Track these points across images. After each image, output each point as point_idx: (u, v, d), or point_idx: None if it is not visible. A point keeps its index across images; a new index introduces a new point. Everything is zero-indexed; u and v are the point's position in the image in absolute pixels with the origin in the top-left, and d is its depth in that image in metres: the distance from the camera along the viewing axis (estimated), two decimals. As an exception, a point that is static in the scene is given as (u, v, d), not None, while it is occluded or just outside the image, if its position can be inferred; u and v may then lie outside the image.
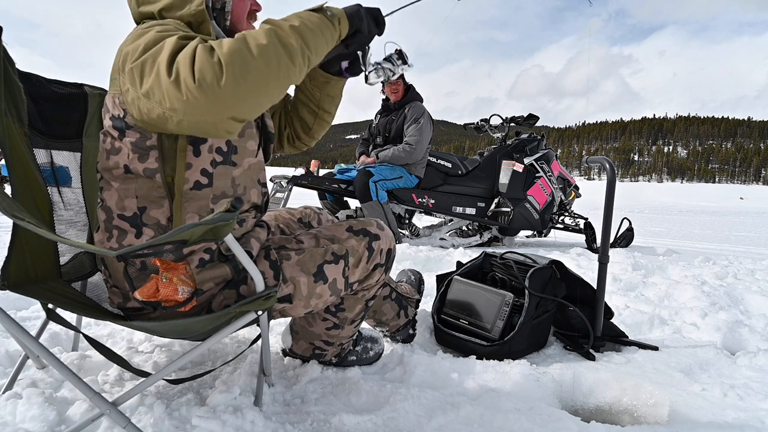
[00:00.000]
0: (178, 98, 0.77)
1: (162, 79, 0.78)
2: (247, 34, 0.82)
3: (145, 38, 0.84)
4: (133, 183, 0.95)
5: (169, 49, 0.79)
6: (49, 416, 0.96)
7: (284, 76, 0.84)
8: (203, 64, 0.76)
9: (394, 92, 4.01)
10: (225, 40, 0.80)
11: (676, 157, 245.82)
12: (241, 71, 0.77)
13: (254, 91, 0.80)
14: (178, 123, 0.81)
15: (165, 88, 0.78)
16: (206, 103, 0.77)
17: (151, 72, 0.80)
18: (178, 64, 0.77)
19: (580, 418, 1.13)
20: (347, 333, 1.28)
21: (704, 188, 61.07)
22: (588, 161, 1.81)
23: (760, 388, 1.29)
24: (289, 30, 0.86)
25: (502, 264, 1.76)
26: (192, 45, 0.79)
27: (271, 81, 0.81)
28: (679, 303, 2.19)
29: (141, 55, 0.82)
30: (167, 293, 0.84)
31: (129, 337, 1.52)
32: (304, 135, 1.32)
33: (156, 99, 0.80)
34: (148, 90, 0.80)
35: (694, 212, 14.85)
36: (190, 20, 0.98)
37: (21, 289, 0.90)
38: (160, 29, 0.86)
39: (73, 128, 1.20)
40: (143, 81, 0.81)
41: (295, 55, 0.85)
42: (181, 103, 0.77)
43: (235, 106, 0.79)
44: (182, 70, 0.76)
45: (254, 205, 1.10)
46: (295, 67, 0.86)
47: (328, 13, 0.96)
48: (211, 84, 0.76)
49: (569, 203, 4.88)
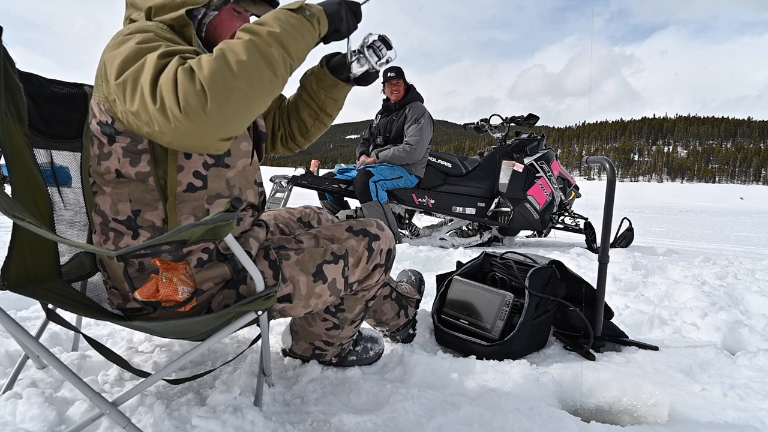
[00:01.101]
0: (166, 124, 0.77)
1: (148, 104, 0.78)
2: (225, 49, 0.80)
3: (125, 49, 0.83)
4: (126, 187, 0.94)
5: (151, 71, 0.78)
6: (49, 416, 0.96)
7: (268, 90, 0.83)
8: (186, 91, 0.75)
9: (395, 92, 4.00)
10: (204, 59, 0.79)
11: (676, 157, 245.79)
12: (225, 94, 0.77)
13: (239, 111, 0.79)
14: (169, 143, 0.82)
15: (152, 113, 0.78)
16: (194, 130, 0.77)
17: (134, 92, 0.80)
18: (161, 89, 0.77)
19: (580, 418, 1.13)
20: (347, 333, 1.28)
21: (704, 188, 61.06)
22: (588, 161, 1.81)
23: (760, 388, 1.29)
24: (268, 38, 0.83)
25: (502, 264, 1.76)
26: (172, 67, 0.78)
27: (254, 98, 0.81)
28: (679, 303, 2.19)
29: (122, 70, 0.81)
30: (167, 293, 0.84)
31: (129, 337, 1.52)
32: (300, 136, 1.30)
33: (144, 120, 0.80)
34: (136, 111, 0.80)
35: (694, 212, 14.85)
36: (173, 23, 0.98)
37: (21, 289, 0.90)
38: (140, 39, 0.85)
39: (73, 128, 1.20)
40: (128, 100, 0.81)
41: (277, 66, 0.84)
42: (169, 129, 0.78)
43: (222, 128, 0.79)
44: (166, 97, 0.76)
45: (251, 204, 1.10)
46: (278, 78, 0.85)
47: (306, 13, 0.92)
48: (196, 111, 0.75)
49: (569, 203, 4.87)
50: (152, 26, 0.92)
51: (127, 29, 0.91)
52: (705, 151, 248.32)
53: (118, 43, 0.86)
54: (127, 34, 0.88)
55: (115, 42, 0.87)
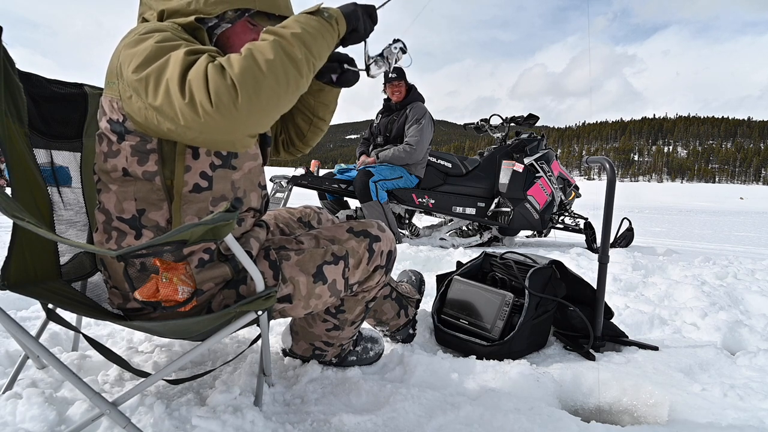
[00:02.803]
0: (194, 119, 0.78)
1: (174, 99, 0.79)
2: (253, 48, 0.83)
3: (145, 47, 0.84)
4: (132, 186, 0.94)
5: (179, 67, 0.79)
6: (49, 416, 0.96)
7: (294, 88, 0.86)
8: (218, 86, 0.77)
9: (396, 93, 4.01)
10: (233, 57, 0.81)
11: (676, 157, 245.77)
12: (255, 90, 0.79)
13: (268, 107, 0.82)
14: (192, 139, 0.83)
15: (179, 107, 0.78)
16: (225, 124, 0.79)
17: (158, 87, 0.80)
18: (190, 84, 0.78)
19: (580, 418, 1.13)
20: (347, 334, 1.28)
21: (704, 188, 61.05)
22: (588, 161, 1.81)
23: (760, 388, 1.29)
24: (292, 39, 0.86)
25: (502, 264, 1.76)
26: (202, 63, 0.79)
27: (282, 95, 0.83)
28: (679, 303, 2.19)
29: (144, 67, 0.82)
30: (167, 293, 0.84)
31: (129, 337, 1.52)
32: (299, 141, 1.32)
33: (168, 116, 0.81)
34: (159, 106, 0.81)
35: (694, 212, 14.84)
36: (185, 25, 0.98)
37: (21, 289, 0.90)
38: (159, 39, 0.86)
39: (73, 128, 1.20)
40: (150, 95, 0.81)
41: (301, 65, 0.86)
42: (198, 124, 0.79)
43: (251, 124, 0.81)
44: (196, 91, 0.77)
45: (254, 208, 1.10)
46: (302, 77, 0.87)
47: (325, 15, 0.96)
48: (228, 106, 0.77)
49: (569, 203, 4.87)
50: (168, 26, 0.93)
51: (142, 28, 0.91)
52: (705, 151, 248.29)
53: (135, 42, 0.87)
54: (143, 33, 0.88)
55: (132, 40, 0.88)
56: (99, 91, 1.24)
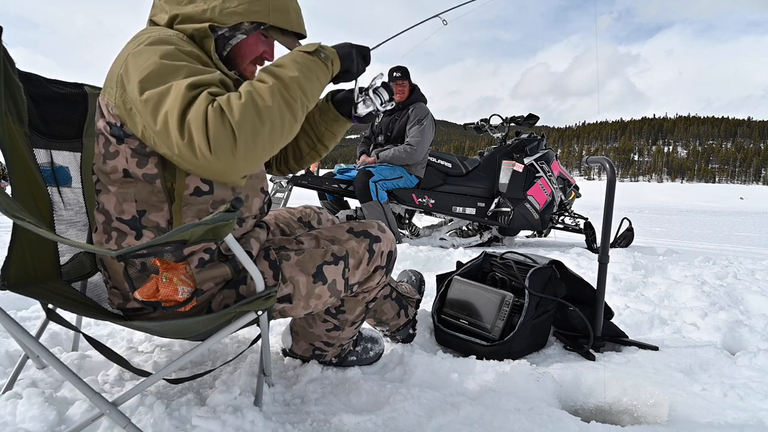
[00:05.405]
0: (190, 159, 0.80)
1: (172, 135, 0.79)
2: (253, 92, 0.83)
3: (148, 64, 0.84)
4: (132, 187, 0.94)
5: (179, 103, 0.79)
6: (49, 416, 0.96)
7: (288, 133, 0.88)
8: (217, 133, 0.78)
9: (399, 92, 4.00)
10: (234, 101, 0.80)
11: (676, 157, 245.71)
12: (252, 138, 0.80)
13: (263, 153, 0.83)
14: (186, 169, 0.85)
15: (176, 144, 0.79)
16: (220, 168, 0.80)
17: (156, 115, 0.81)
18: (189, 125, 0.78)
19: (580, 418, 1.13)
20: (347, 334, 1.28)
21: (704, 188, 61.05)
22: (588, 161, 1.81)
23: (760, 388, 1.28)
24: (290, 83, 0.88)
25: (502, 264, 1.76)
26: (202, 105, 0.79)
27: (276, 141, 0.85)
28: (679, 303, 2.19)
29: (144, 87, 0.82)
30: (167, 293, 0.84)
31: (129, 337, 1.52)
32: (294, 162, 1.32)
33: (165, 143, 0.81)
34: (158, 132, 0.81)
35: (694, 212, 14.84)
36: (194, 33, 0.98)
37: (21, 289, 0.90)
38: (162, 54, 0.85)
39: (73, 128, 1.20)
40: (150, 120, 0.82)
41: (297, 110, 0.88)
42: (193, 163, 0.80)
43: (245, 168, 0.83)
44: (196, 134, 0.78)
45: (256, 214, 1.10)
46: (297, 121, 0.89)
47: (321, 55, 0.97)
48: (226, 152, 0.78)
49: (569, 203, 4.87)
50: (173, 37, 0.92)
51: (147, 36, 0.91)
52: (705, 151, 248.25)
53: (139, 52, 0.86)
54: (148, 43, 0.88)
55: (137, 49, 0.87)
56: (99, 91, 1.24)
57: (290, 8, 1.05)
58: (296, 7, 1.08)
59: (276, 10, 1.02)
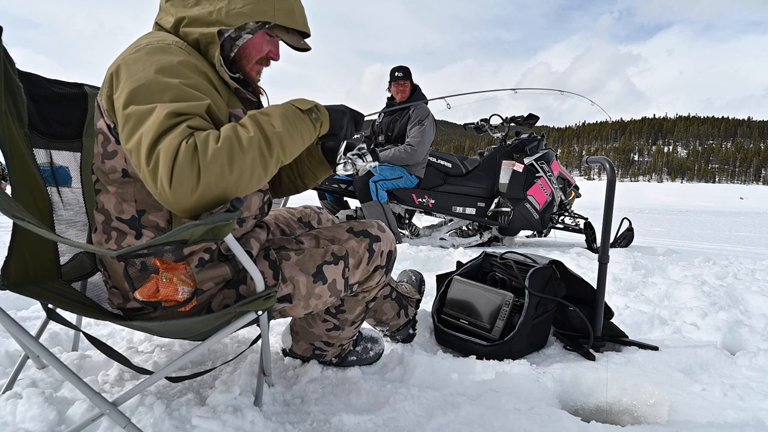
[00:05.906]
0: (151, 185, 0.79)
1: (141, 158, 0.79)
2: (233, 138, 0.81)
3: (142, 76, 0.84)
4: (131, 187, 0.94)
5: (155, 128, 0.78)
6: (49, 416, 0.96)
7: (254, 185, 0.86)
8: (182, 170, 0.76)
9: (401, 92, 4.00)
10: (210, 143, 0.79)
11: (676, 157, 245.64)
12: (215, 182, 0.78)
13: (220, 198, 0.81)
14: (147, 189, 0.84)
15: (143, 168, 0.79)
16: (173, 203, 0.79)
17: (132, 134, 0.81)
18: (158, 155, 0.77)
19: (580, 418, 1.13)
20: (347, 334, 1.28)
21: (704, 188, 61.04)
22: (588, 161, 1.81)
23: (760, 388, 1.28)
24: (271, 137, 0.86)
25: (502, 264, 1.76)
26: (176, 139, 0.77)
27: (241, 189, 0.83)
28: (679, 303, 2.19)
29: (130, 101, 0.82)
30: (167, 293, 0.84)
31: (129, 337, 1.52)
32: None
33: (134, 161, 0.81)
34: (129, 150, 0.81)
35: (694, 212, 14.84)
36: (198, 39, 0.98)
37: (21, 289, 0.90)
38: (159, 67, 0.85)
39: (73, 128, 1.20)
40: (126, 136, 0.82)
41: (269, 165, 0.87)
42: (152, 189, 0.80)
43: (200, 208, 0.81)
44: (161, 167, 0.77)
45: (256, 214, 1.10)
46: (267, 176, 0.88)
47: (313, 116, 0.97)
48: (184, 192, 0.77)
49: (569, 203, 4.87)
50: (173, 46, 0.92)
51: (147, 42, 0.91)
52: (705, 151, 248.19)
53: (136, 60, 0.87)
54: (149, 51, 0.88)
55: (135, 55, 0.88)
56: (98, 90, 1.24)
57: (294, 7, 1.05)
58: (300, 6, 1.08)
59: (281, 9, 1.02)
